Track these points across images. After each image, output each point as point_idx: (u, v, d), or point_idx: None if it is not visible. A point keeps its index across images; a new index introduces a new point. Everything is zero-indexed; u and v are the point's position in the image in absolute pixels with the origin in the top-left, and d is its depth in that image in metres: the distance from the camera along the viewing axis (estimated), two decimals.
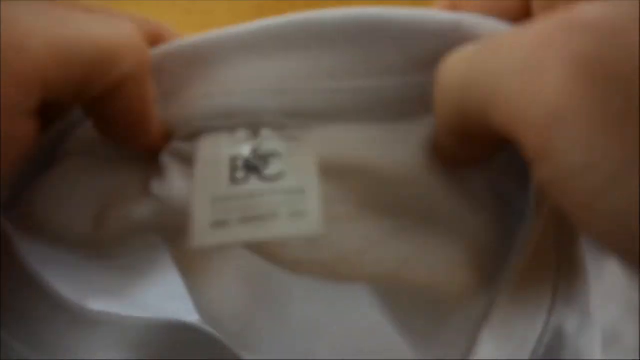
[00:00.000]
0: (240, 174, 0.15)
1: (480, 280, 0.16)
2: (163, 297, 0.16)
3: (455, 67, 0.13)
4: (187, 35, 0.16)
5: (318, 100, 0.15)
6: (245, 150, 0.15)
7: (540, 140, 0.10)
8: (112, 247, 0.16)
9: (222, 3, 0.34)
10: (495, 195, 0.16)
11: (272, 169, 0.15)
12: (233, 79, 0.15)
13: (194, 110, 0.16)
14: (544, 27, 0.11)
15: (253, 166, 0.15)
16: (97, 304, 0.14)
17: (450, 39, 0.14)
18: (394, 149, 0.16)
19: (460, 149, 0.14)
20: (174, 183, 0.16)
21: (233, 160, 0.15)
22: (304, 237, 0.15)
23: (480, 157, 0.15)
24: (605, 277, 0.18)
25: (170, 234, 0.16)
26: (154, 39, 0.16)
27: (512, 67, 0.11)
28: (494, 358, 0.14)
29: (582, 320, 0.15)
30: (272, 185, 0.15)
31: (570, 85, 0.10)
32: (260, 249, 0.16)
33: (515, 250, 0.15)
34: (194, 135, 0.16)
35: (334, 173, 0.16)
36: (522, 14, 0.15)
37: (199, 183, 0.15)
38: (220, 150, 0.15)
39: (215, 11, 0.34)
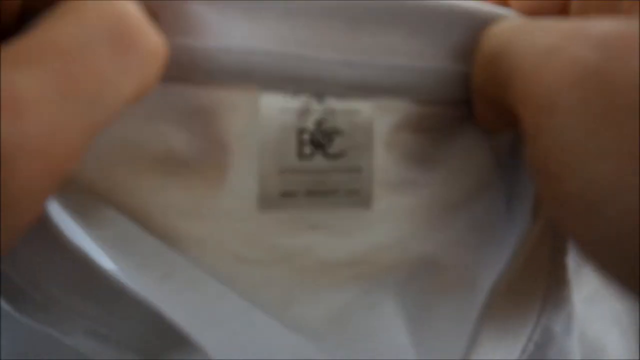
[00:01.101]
0: (307, 150, 0.16)
1: None
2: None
3: (493, 36, 0.15)
4: None
5: (378, 75, 0.16)
6: (310, 122, 0.16)
7: (535, 119, 0.12)
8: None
9: None
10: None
11: (335, 147, 0.16)
12: (307, 43, 0.15)
13: (252, 64, 0.15)
14: (567, 27, 0.13)
15: (319, 143, 0.16)
16: (108, 264, 0.14)
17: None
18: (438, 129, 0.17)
19: (488, 111, 0.16)
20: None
21: (300, 133, 0.16)
22: (356, 212, 0.17)
23: (505, 126, 0.16)
24: (583, 285, 0.19)
25: None
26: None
27: (536, 50, 0.13)
28: (490, 358, 0.15)
29: (568, 322, 0.16)
30: (335, 163, 0.16)
31: (568, 83, 0.12)
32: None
33: (513, 253, 0.16)
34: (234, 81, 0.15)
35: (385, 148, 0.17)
36: (560, 13, 0.15)
37: (268, 152, 0.16)
38: (287, 119, 0.16)
39: None
